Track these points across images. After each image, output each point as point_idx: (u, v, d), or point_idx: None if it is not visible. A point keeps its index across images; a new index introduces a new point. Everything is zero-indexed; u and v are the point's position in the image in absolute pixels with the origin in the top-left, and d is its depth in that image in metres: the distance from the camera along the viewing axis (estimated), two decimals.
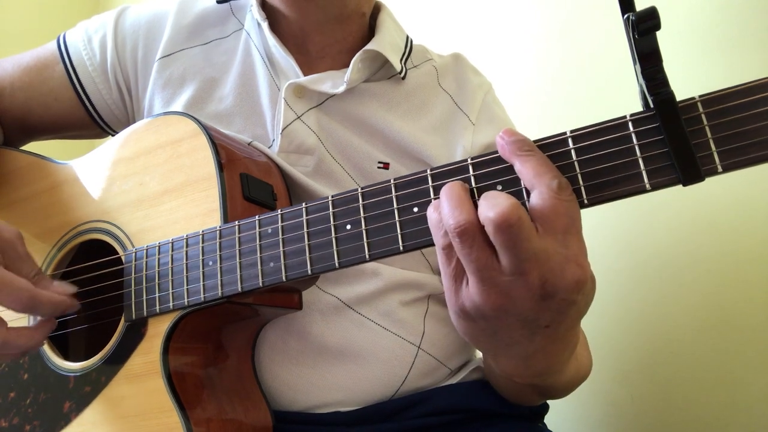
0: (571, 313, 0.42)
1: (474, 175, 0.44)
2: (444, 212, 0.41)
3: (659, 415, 0.91)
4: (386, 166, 0.68)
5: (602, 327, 0.99)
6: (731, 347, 0.85)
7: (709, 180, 0.39)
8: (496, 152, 0.43)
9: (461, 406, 0.66)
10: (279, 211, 0.51)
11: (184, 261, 0.55)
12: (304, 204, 0.50)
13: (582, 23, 1.05)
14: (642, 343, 0.94)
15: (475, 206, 0.40)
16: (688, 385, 0.89)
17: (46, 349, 0.63)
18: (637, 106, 0.42)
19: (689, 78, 0.89)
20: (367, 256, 0.47)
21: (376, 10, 0.77)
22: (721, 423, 0.85)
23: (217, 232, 0.54)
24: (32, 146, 0.79)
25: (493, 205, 0.38)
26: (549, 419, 0.75)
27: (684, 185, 0.39)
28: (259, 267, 0.51)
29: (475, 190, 0.43)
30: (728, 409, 0.85)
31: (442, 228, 0.41)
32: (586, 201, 0.41)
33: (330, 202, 0.49)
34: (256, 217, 0.52)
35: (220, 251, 0.53)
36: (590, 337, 0.98)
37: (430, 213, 0.43)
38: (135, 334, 0.56)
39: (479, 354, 0.76)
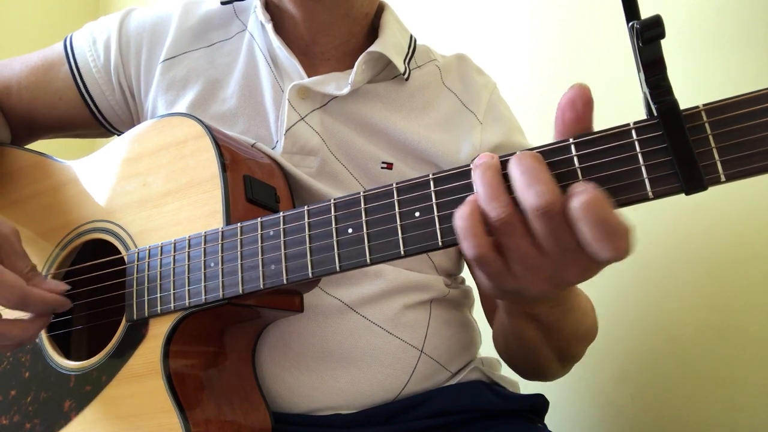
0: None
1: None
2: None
3: (659, 415, 0.91)
4: (390, 166, 0.68)
5: (602, 327, 0.98)
6: (731, 347, 0.85)
7: None
8: (500, 155, 0.43)
9: (461, 406, 0.66)
10: (281, 213, 0.51)
11: (186, 262, 0.55)
12: (306, 207, 0.50)
13: (587, 27, 1.05)
14: (642, 342, 0.94)
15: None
16: (688, 385, 0.89)
17: (48, 347, 0.63)
18: (642, 111, 0.42)
19: (688, 80, 0.88)
20: (368, 260, 0.47)
21: (380, 9, 0.77)
22: (721, 423, 0.85)
23: (219, 233, 0.54)
24: (36, 145, 0.79)
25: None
26: (549, 419, 0.75)
27: (687, 194, 0.39)
28: (261, 269, 0.51)
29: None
30: (728, 409, 0.85)
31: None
32: None
33: (332, 205, 0.49)
34: (258, 219, 0.52)
35: (221, 253, 0.53)
36: None
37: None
38: (136, 334, 0.56)
39: (479, 354, 0.76)
